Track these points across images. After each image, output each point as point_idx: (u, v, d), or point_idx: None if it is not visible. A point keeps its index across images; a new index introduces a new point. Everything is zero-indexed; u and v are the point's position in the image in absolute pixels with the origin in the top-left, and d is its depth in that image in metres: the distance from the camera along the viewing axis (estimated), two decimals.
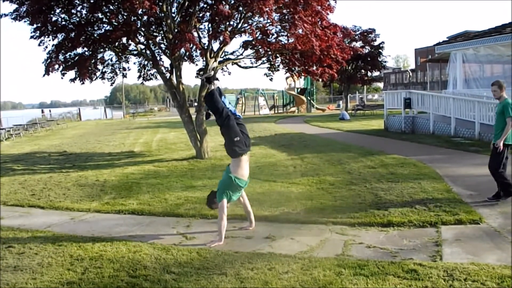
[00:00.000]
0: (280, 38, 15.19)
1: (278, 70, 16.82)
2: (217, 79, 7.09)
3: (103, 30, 14.33)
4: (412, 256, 5.51)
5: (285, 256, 5.66)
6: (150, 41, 14.81)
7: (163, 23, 14.32)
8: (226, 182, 6.55)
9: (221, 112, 6.56)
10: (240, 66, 16.47)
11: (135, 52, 15.68)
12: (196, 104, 15.78)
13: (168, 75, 14.98)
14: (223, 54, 15.62)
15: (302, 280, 4.93)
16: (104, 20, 14.15)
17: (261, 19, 14.12)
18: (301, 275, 5.06)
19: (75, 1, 13.75)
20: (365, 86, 58.64)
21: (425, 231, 6.51)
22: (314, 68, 15.82)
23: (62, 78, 14.56)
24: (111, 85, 18.17)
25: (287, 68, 16.41)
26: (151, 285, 4.96)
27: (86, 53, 14.45)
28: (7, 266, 5.71)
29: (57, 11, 13.79)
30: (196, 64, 16.64)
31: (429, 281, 4.76)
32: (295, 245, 6.13)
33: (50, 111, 59.89)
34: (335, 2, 14.91)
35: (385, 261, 5.35)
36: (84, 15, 14.16)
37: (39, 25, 13.52)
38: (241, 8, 13.54)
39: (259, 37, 14.41)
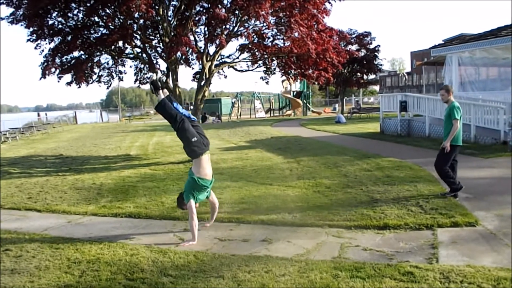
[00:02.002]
0: (276, 41, 15.28)
1: (274, 73, 16.89)
2: (165, 87, 7.26)
3: (99, 34, 14.37)
4: (409, 258, 5.53)
5: (282, 259, 5.68)
6: (146, 45, 14.85)
7: (160, 26, 14.37)
8: (191, 184, 6.77)
9: (175, 117, 6.75)
10: (236, 69, 16.52)
11: (131, 56, 15.70)
12: (192, 107, 15.79)
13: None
14: (220, 57, 15.67)
15: (299, 282, 4.94)
16: (100, 23, 14.19)
17: (258, 22, 14.20)
18: (298, 277, 5.07)
19: (72, 4, 13.75)
20: (361, 89, 58.68)
21: (421, 233, 6.53)
22: (310, 71, 15.88)
23: (58, 81, 14.57)
24: (107, 88, 18.21)
25: (283, 71, 16.46)
26: None
27: (83, 56, 14.50)
28: (5, 269, 5.70)
29: (54, 14, 13.83)
30: (192, 68, 16.71)
31: (425, 283, 4.78)
32: (292, 248, 6.14)
33: (46, 114, 59.84)
34: (331, 5, 14.99)
35: (381, 263, 5.37)
36: (80, 19, 14.21)
37: (35, 28, 13.56)
38: (237, 12, 13.60)
39: (255, 41, 14.47)
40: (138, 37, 14.40)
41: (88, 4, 13.41)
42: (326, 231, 6.83)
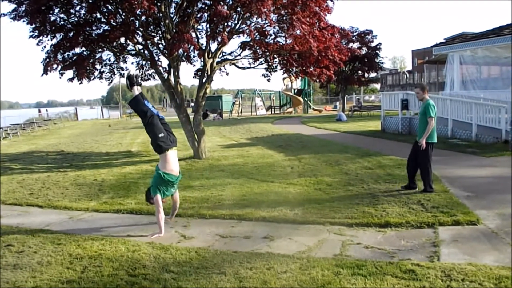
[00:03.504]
0: (278, 39, 15.24)
1: (276, 70, 16.85)
2: (140, 84, 7.55)
3: (101, 30, 14.33)
4: (410, 256, 5.54)
5: (284, 256, 5.69)
6: (148, 41, 14.81)
7: (162, 23, 14.34)
8: (157, 179, 7.03)
9: (145, 113, 7.15)
10: (237, 66, 16.52)
11: (133, 52, 15.67)
12: (193, 104, 15.76)
13: (166, 75, 14.99)
14: (221, 54, 15.64)
15: (301, 279, 4.96)
16: (102, 20, 14.14)
17: (259, 20, 14.13)
18: (300, 274, 5.08)
19: (74, 1, 13.74)
20: (362, 87, 58.74)
21: (423, 231, 6.55)
22: (312, 69, 15.85)
23: (60, 77, 14.57)
24: (109, 84, 18.21)
25: (284, 69, 16.44)
26: (150, 284, 4.98)
27: (85, 53, 14.47)
28: (7, 264, 5.72)
29: (56, 11, 13.78)
30: (194, 65, 16.68)
31: (427, 281, 4.79)
32: (293, 245, 6.15)
33: (47, 110, 59.78)
34: (333, 3, 14.93)
35: (383, 261, 5.39)
36: (82, 15, 14.16)
37: (37, 24, 13.52)
38: (239, 9, 13.57)
39: (257, 38, 14.43)
40: (140, 33, 14.36)
41: (90, 1, 13.39)
42: (328, 228, 6.84)
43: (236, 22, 14.35)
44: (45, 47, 14.26)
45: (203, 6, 14.35)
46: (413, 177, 9.05)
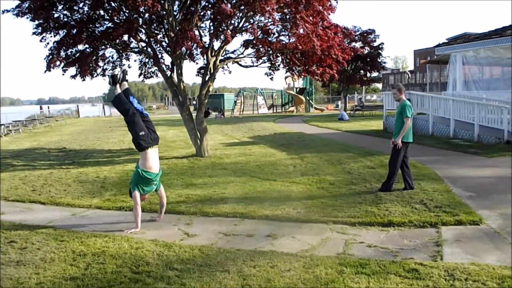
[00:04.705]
0: (281, 37, 15.20)
1: (279, 69, 16.82)
2: (126, 80, 7.66)
3: (104, 27, 14.34)
4: (413, 255, 5.55)
5: (287, 254, 5.70)
6: (151, 39, 14.81)
7: (165, 21, 14.33)
8: (135, 176, 7.22)
9: (127, 111, 7.22)
10: (240, 65, 16.50)
11: (136, 50, 15.68)
12: (195, 102, 15.77)
13: (169, 73, 14.99)
14: (224, 52, 15.65)
15: (304, 278, 4.96)
16: (106, 17, 14.16)
17: (263, 18, 14.14)
18: (303, 273, 5.09)
19: None
20: (364, 86, 58.68)
21: (425, 231, 6.55)
22: (315, 68, 15.82)
23: (63, 74, 14.57)
24: None
25: (287, 67, 16.40)
26: (154, 281, 4.99)
27: (88, 50, 14.47)
28: (10, 260, 5.73)
29: (59, 7, 13.79)
30: (197, 63, 16.68)
31: (430, 280, 4.80)
32: (297, 244, 6.16)
33: (48, 107, 59.86)
34: (336, 2, 14.91)
35: (386, 260, 5.39)
36: (86, 12, 14.16)
37: (41, 21, 13.53)
38: (242, 7, 13.55)
39: (260, 36, 14.44)
40: (143, 31, 14.37)
41: None
42: (331, 227, 6.85)
43: (239, 20, 14.36)
44: (48, 43, 14.28)
45: (207, 4, 14.35)
46: (409, 177, 9.10)
